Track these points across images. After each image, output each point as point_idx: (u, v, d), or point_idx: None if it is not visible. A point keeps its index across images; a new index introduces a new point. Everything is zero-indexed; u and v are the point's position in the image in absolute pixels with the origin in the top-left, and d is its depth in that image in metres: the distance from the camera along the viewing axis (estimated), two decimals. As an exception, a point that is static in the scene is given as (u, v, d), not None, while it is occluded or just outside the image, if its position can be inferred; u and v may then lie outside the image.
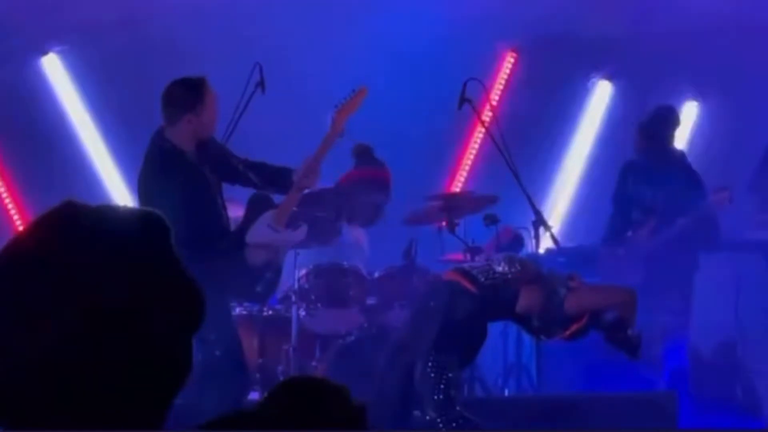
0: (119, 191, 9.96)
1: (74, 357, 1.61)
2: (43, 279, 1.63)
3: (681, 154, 8.81)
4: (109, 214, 1.70)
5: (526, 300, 6.33)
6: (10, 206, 9.77)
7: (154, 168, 6.62)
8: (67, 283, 1.62)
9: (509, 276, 6.40)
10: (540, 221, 7.81)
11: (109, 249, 1.65)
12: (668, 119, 8.57)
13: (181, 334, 1.69)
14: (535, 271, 6.45)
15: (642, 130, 8.53)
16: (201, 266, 1.78)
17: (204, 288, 1.73)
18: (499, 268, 6.44)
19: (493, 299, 6.35)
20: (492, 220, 8.00)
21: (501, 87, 10.48)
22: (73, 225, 1.67)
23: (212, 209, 6.60)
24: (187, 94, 6.58)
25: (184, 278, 1.69)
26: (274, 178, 6.82)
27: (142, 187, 6.63)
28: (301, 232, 6.87)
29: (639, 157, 8.58)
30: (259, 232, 6.71)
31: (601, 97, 10.71)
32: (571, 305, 6.27)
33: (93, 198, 1.78)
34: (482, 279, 6.41)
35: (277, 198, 7.02)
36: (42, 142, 9.73)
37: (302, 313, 7.79)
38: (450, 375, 6.23)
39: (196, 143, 6.62)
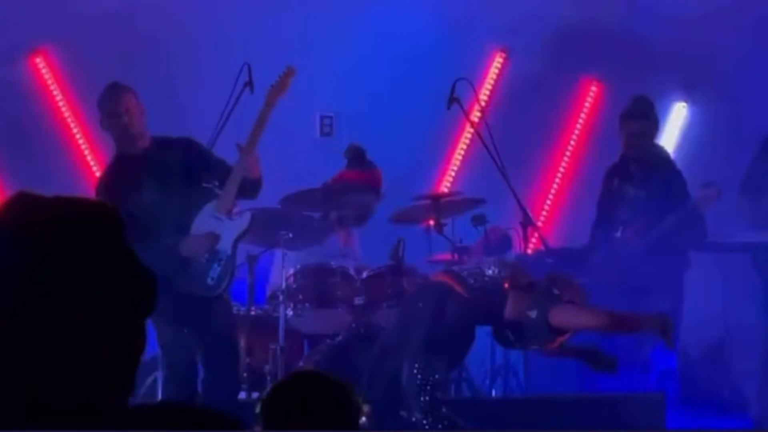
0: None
1: (29, 345, 1.62)
2: None
3: (665, 151, 8.81)
4: (63, 204, 1.72)
5: (514, 306, 6.31)
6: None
7: None
8: (21, 270, 1.64)
9: (499, 280, 6.38)
10: (528, 221, 7.80)
11: (62, 238, 1.67)
12: (645, 110, 8.53)
13: (133, 319, 1.71)
14: (525, 278, 6.41)
15: (625, 120, 8.50)
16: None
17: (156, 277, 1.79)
18: (490, 272, 6.42)
19: (482, 303, 6.34)
20: (480, 221, 8.00)
21: (490, 87, 10.48)
22: (28, 214, 1.69)
23: (147, 208, 6.56)
24: (98, 111, 6.90)
25: (135, 266, 1.72)
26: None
27: None
28: (245, 219, 6.87)
29: (622, 157, 8.55)
30: (203, 223, 6.72)
31: (590, 97, 10.71)
32: (556, 319, 6.22)
33: (83, 195, 1.81)
34: (472, 282, 6.39)
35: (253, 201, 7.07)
36: (31, 139, 9.71)
37: (289, 313, 7.77)
38: (437, 377, 6.23)
39: (134, 142, 6.75)
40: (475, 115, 8.44)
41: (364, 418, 2.97)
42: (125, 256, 1.73)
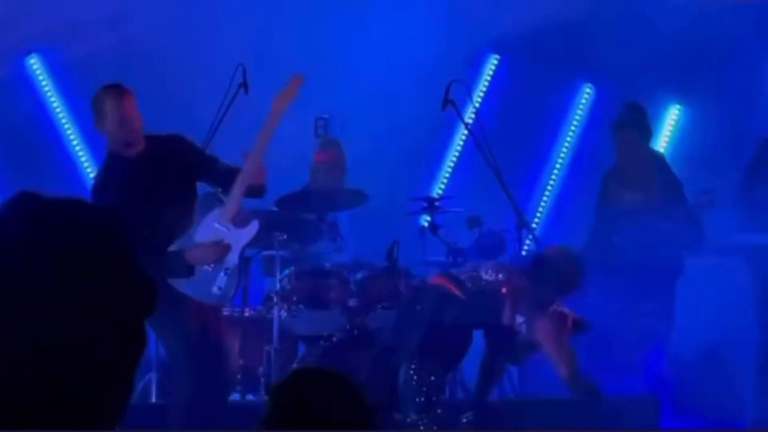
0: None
1: (27, 344, 1.62)
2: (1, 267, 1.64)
3: (661, 157, 8.82)
4: (65, 203, 1.72)
5: (510, 312, 6.30)
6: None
7: None
8: (24, 270, 1.64)
9: (497, 285, 6.37)
10: (523, 223, 7.81)
11: (64, 238, 1.67)
12: (636, 118, 8.55)
13: (133, 320, 1.71)
14: (522, 283, 6.39)
15: (618, 127, 8.51)
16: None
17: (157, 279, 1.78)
18: (487, 276, 6.42)
19: (479, 306, 6.33)
20: (475, 223, 8.00)
21: (484, 89, 10.48)
22: (30, 214, 1.69)
23: (144, 209, 6.49)
24: (91, 108, 6.76)
25: (135, 268, 1.72)
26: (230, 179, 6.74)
27: None
28: (252, 228, 6.77)
29: (618, 162, 8.56)
30: (207, 231, 6.64)
31: (584, 100, 10.72)
32: (539, 334, 6.20)
33: (80, 196, 1.82)
34: (469, 285, 6.38)
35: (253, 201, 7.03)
36: (24, 142, 9.70)
37: (284, 314, 7.75)
38: (433, 379, 6.22)
39: (132, 147, 6.67)
40: (470, 117, 8.45)
41: None
42: (126, 258, 1.73)
